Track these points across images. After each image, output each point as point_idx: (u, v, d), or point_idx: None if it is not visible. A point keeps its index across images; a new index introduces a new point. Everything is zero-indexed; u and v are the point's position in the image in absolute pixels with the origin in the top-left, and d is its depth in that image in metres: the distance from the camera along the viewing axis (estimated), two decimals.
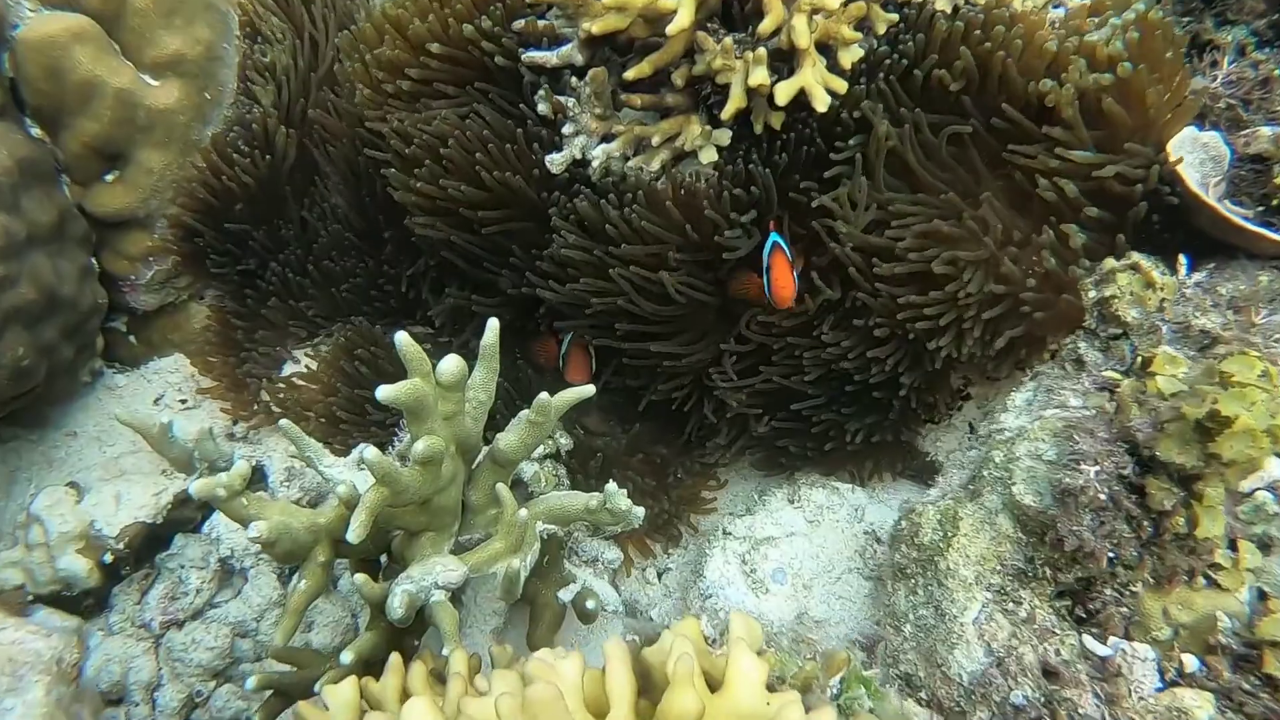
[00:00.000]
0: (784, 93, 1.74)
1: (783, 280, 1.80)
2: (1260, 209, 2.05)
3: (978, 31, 1.85)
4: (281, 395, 2.38)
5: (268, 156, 2.17)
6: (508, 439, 1.86)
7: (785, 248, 1.81)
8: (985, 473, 1.67)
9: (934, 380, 2.06)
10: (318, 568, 1.80)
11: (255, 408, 2.39)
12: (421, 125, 2.00)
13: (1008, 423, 1.80)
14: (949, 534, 1.65)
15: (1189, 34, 2.15)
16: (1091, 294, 1.80)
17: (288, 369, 2.46)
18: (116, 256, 2.21)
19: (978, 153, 1.97)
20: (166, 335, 2.40)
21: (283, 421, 1.89)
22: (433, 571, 1.72)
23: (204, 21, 2.11)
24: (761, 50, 1.72)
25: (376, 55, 2.01)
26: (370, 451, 1.59)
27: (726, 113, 1.78)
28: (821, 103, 1.74)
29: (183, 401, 2.43)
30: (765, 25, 1.71)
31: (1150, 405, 1.50)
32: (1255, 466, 1.39)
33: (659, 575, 2.42)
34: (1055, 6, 2.03)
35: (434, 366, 1.71)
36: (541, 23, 1.97)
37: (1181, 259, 1.99)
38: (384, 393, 1.62)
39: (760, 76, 1.73)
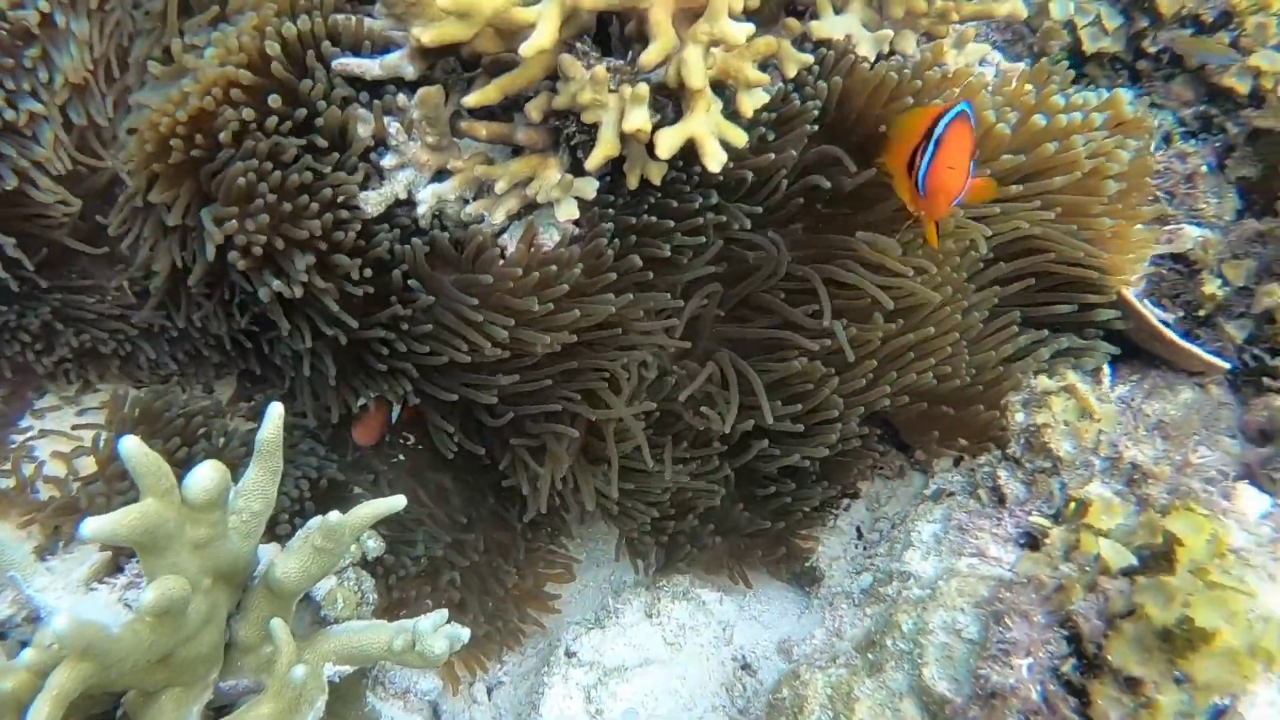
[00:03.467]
0: (667, 143, 1.36)
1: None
2: (1182, 315, 1.85)
3: (911, 83, 1.52)
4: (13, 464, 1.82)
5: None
6: (286, 567, 1.41)
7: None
8: (889, 642, 1.35)
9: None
10: None
11: None
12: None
13: (914, 565, 1.49)
14: (842, 715, 1.33)
15: None
16: (1020, 417, 1.52)
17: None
18: None
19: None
20: None
21: None
22: None
23: None
24: (643, 86, 1.33)
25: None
26: (61, 619, 1.11)
27: (593, 161, 1.39)
28: (714, 160, 1.37)
29: None
30: (650, 55, 1.32)
31: (1097, 585, 1.22)
32: (1233, 691, 1.12)
33: (489, 692, 2.01)
34: (982, 63, 1.75)
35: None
36: (369, 23, 1.52)
37: (1105, 369, 1.76)
38: (91, 528, 1.14)
39: (638, 119, 1.34)
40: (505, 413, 1.63)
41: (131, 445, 1.19)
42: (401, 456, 2.09)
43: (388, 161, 1.51)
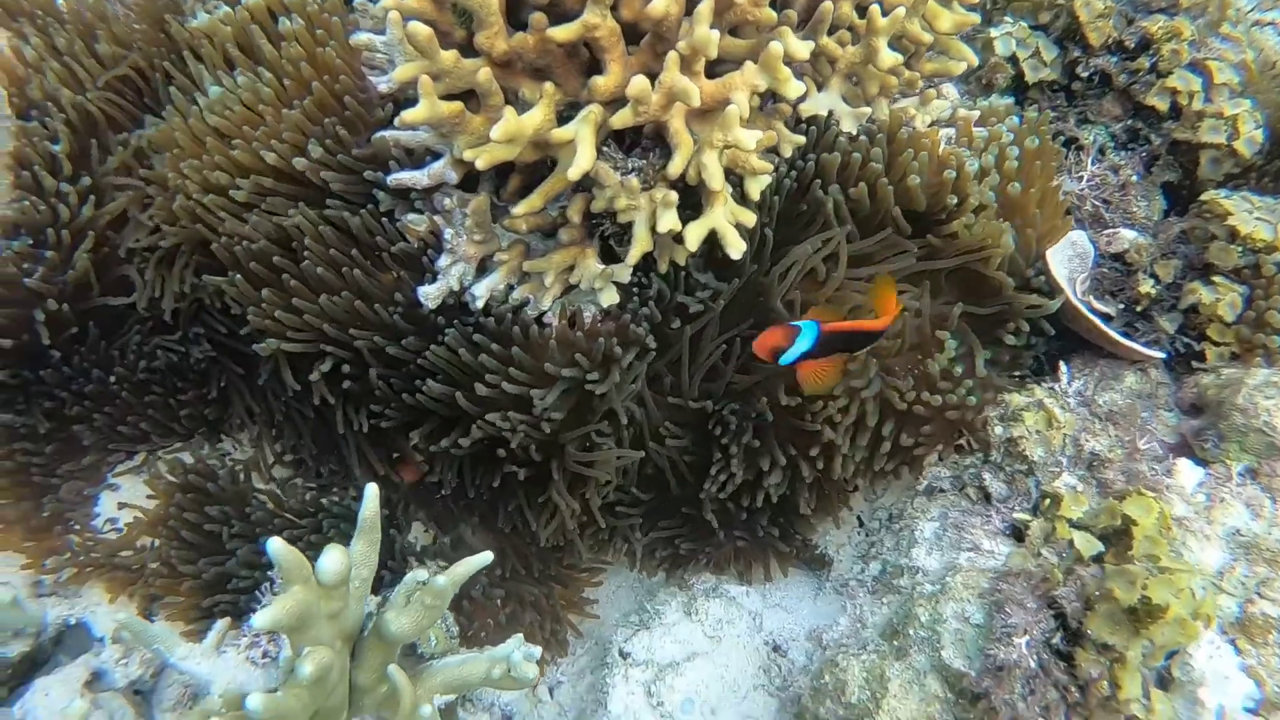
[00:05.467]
0: (694, 236, 1.59)
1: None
2: (1122, 308, 2.14)
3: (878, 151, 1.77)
4: (95, 542, 2.00)
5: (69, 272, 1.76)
6: (400, 624, 1.64)
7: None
8: (911, 631, 1.65)
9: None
10: None
11: (66, 556, 2.01)
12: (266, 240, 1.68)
13: (921, 560, 1.79)
14: (877, 694, 1.63)
15: (1056, 130, 2.19)
16: (999, 430, 1.81)
17: (105, 501, 2.08)
18: None
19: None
20: None
21: (120, 616, 1.58)
22: None
23: None
24: (672, 194, 1.56)
25: (200, 173, 1.65)
26: (254, 699, 1.35)
27: (631, 257, 1.61)
28: (735, 249, 1.60)
29: None
30: (676, 166, 1.54)
31: (1074, 572, 1.52)
32: (1183, 644, 1.44)
33: (550, 691, 2.29)
34: (946, 125, 2.00)
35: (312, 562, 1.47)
36: (402, 136, 1.70)
37: (1063, 367, 2.06)
38: (264, 619, 1.38)
39: (670, 221, 1.56)
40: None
41: (277, 545, 1.41)
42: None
43: (443, 262, 1.71)
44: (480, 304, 1.71)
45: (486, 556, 1.67)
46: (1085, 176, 2.17)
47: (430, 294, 1.72)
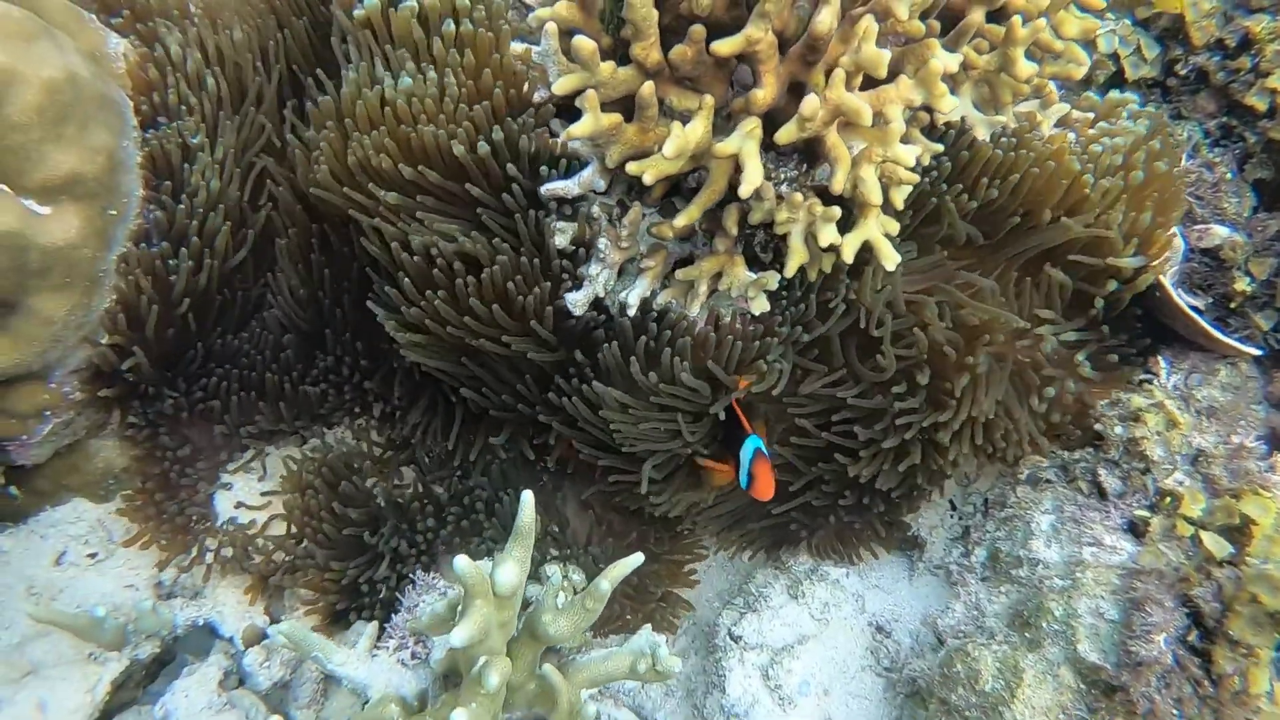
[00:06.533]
0: (850, 249, 1.62)
1: (765, 483, 1.75)
2: (1211, 302, 2.22)
3: (1015, 154, 1.81)
4: (229, 535, 2.03)
5: (207, 263, 1.74)
6: (559, 626, 1.69)
7: (765, 451, 1.77)
8: (1044, 624, 1.74)
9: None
10: None
11: (195, 553, 2.03)
12: (439, 242, 1.68)
13: (1040, 552, 1.87)
14: (1012, 683, 1.72)
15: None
16: (1118, 430, 1.88)
17: (221, 500, 2.09)
18: (3, 417, 1.72)
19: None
20: (60, 481, 1.94)
21: (280, 627, 1.62)
22: None
23: (101, 123, 1.61)
24: (834, 210, 1.59)
25: (366, 152, 1.63)
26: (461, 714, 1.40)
27: (790, 269, 1.64)
28: (890, 260, 1.64)
29: (91, 555, 2.00)
30: (837, 182, 1.56)
31: (1210, 574, 1.61)
32: None
33: None
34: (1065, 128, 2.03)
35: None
36: (559, 141, 1.70)
37: (1161, 362, 2.13)
38: (457, 637, 1.43)
39: (830, 236, 1.59)
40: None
41: (463, 564, 1.46)
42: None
43: (592, 269, 1.73)
44: (634, 311, 1.73)
45: (638, 558, 1.73)
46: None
47: (578, 301, 1.74)
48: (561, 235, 1.73)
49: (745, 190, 1.51)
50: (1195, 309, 2.20)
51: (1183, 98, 2.27)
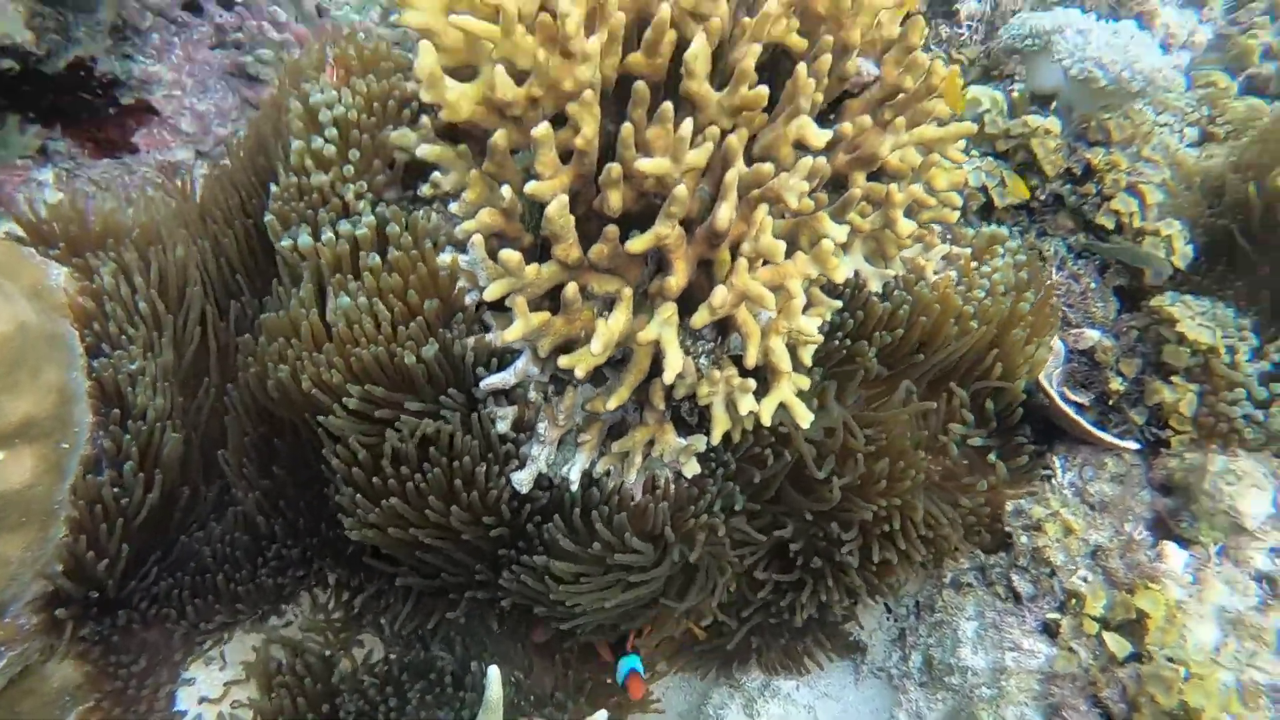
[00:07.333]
0: (767, 412, 1.79)
1: (634, 691, 2.07)
2: (1094, 398, 2.46)
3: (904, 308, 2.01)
4: None
5: (158, 479, 1.80)
6: None
7: (640, 672, 2.05)
8: None
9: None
10: None
11: None
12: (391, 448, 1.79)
13: (969, 659, 2.04)
14: None
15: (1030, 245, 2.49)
16: (1024, 540, 2.08)
17: (184, 698, 2.10)
18: None
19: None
20: (15, 708, 1.92)
21: None
22: None
23: (50, 362, 1.67)
24: (750, 382, 1.75)
25: (321, 374, 1.74)
26: None
27: (715, 436, 1.80)
28: (804, 419, 1.81)
29: None
30: (750, 357, 1.73)
31: (1113, 674, 1.79)
32: None
33: None
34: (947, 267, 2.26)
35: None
36: (491, 339, 1.83)
37: (1056, 462, 2.35)
38: None
39: (749, 405, 1.76)
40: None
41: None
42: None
43: (534, 450, 1.85)
44: (575, 486, 1.86)
45: (601, 715, 1.83)
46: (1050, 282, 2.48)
47: (524, 480, 1.86)
48: (503, 421, 1.85)
49: (669, 378, 1.67)
50: (1080, 406, 2.44)
51: (1046, 218, 2.54)
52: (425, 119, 1.89)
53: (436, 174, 1.86)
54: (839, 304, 1.97)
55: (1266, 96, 3.15)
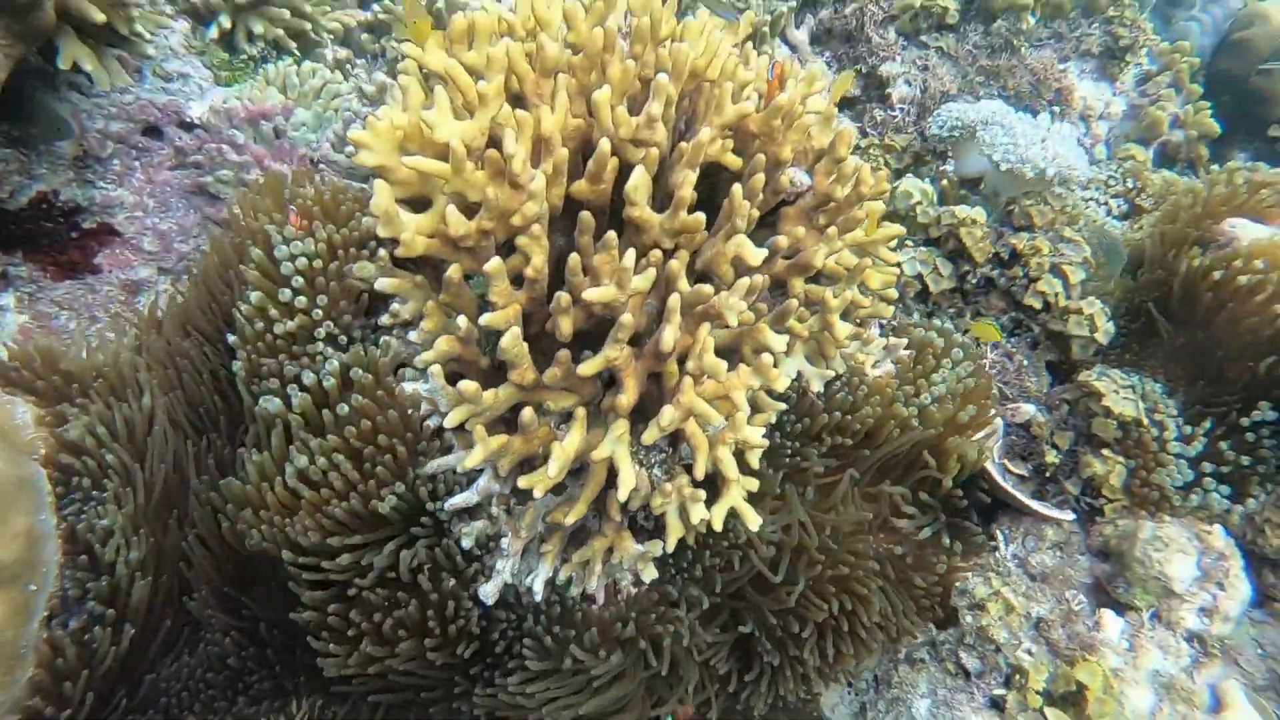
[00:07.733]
0: (718, 517, 1.88)
1: None
2: (1032, 469, 2.59)
3: (847, 414, 2.13)
4: None
5: (118, 642, 1.84)
6: None
7: None
8: None
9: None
10: None
11: None
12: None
13: None
14: None
15: (964, 328, 2.63)
16: (969, 619, 2.18)
17: None
18: None
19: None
20: None
21: None
22: None
23: (18, 507, 1.72)
24: (700, 492, 1.85)
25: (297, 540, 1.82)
26: None
27: (670, 544, 1.88)
28: (753, 521, 1.90)
29: None
30: (699, 469, 1.83)
31: None
32: None
33: None
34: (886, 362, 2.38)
35: None
36: (453, 462, 1.91)
37: (999, 535, 2.47)
38: None
39: (700, 513, 1.85)
40: None
41: None
42: None
43: (500, 564, 1.92)
44: (540, 596, 1.93)
45: None
46: (987, 363, 2.62)
47: (490, 592, 1.93)
48: (468, 538, 1.93)
49: (623, 494, 1.76)
50: (1020, 479, 2.57)
51: (978, 299, 2.69)
52: (383, 252, 1.98)
53: (395, 304, 1.95)
54: (784, 406, 2.08)
55: (1178, 165, 3.36)
